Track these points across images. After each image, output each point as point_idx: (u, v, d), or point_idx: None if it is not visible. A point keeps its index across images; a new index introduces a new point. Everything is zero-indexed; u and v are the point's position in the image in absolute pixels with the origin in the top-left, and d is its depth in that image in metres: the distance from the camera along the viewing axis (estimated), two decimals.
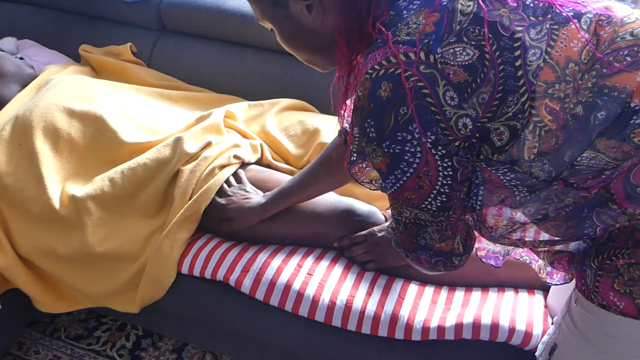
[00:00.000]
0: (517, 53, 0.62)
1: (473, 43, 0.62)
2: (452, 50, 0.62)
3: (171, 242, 1.17)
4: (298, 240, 1.20)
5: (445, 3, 0.64)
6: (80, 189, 1.24)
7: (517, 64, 0.62)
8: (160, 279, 1.17)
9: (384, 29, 0.67)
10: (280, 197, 1.16)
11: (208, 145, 1.27)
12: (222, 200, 1.19)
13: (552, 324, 1.05)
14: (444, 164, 0.66)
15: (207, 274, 1.16)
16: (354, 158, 0.85)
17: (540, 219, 0.72)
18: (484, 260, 0.99)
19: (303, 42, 0.76)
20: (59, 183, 1.26)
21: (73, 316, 1.56)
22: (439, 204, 0.71)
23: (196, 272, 1.17)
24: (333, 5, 0.70)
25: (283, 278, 1.12)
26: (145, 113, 1.41)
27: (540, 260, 0.90)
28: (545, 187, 0.68)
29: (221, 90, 1.62)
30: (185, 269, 1.18)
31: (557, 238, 0.75)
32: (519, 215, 0.73)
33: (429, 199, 0.70)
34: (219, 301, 1.17)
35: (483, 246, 0.98)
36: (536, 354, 0.95)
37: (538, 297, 1.10)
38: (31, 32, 1.76)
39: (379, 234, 1.14)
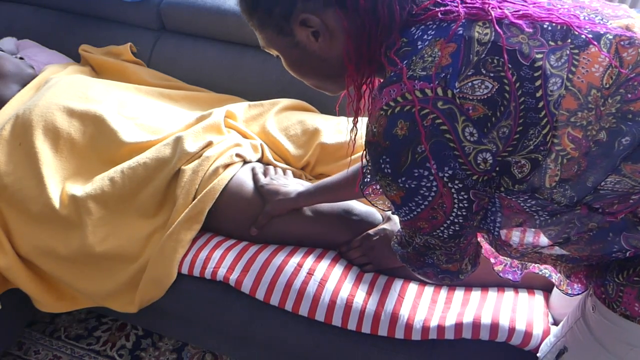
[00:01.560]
0: (538, 83, 0.60)
1: (492, 75, 0.60)
2: (470, 84, 0.60)
3: (174, 242, 1.17)
4: (297, 240, 1.20)
5: (461, 32, 0.61)
6: (80, 189, 1.24)
7: (538, 94, 0.60)
8: (161, 279, 1.17)
9: (397, 60, 0.64)
10: (316, 191, 1.16)
11: (209, 144, 1.27)
12: (264, 180, 1.22)
13: (553, 323, 1.05)
14: (460, 197, 0.65)
15: (207, 274, 1.16)
16: (367, 180, 0.84)
17: (562, 242, 0.70)
18: (501, 274, 0.99)
19: (310, 68, 0.75)
20: (59, 183, 1.26)
21: (73, 316, 1.56)
22: (451, 233, 0.70)
23: (196, 272, 1.17)
24: (340, 30, 0.68)
25: (283, 278, 1.12)
26: (145, 113, 1.41)
27: (559, 273, 0.90)
28: (567, 211, 0.66)
29: (221, 90, 1.62)
30: (185, 269, 1.18)
31: (579, 257, 0.73)
32: (542, 239, 0.71)
33: (442, 228, 0.69)
34: (219, 301, 1.17)
35: (500, 260, 0.98)
36: (539, 354, 0.95)
37: (538, 297, 1.10)
38: (31, 32, 1.76)
39: (375, 238, 1.14)
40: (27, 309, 1.32)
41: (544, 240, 0.71)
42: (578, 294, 0.88)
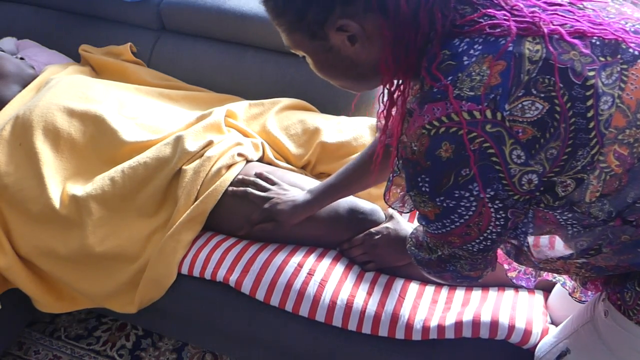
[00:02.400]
0: (590, 103, 0.58)
1: (542, 95, 0.57)
2: (520, 105, 0.57)
3: (175, 242, 1.17)
4: (299, 240, 1.20)
5: (511, 48, 0.58)
6: (80, 189, 1.24)
7: (589, 115, 0.58)
8: (161, 279, 1.17)
9: (441, 76, 0.61)
10: (325, 193, 1.13)
11: (209, 144, 1.27)
12: (266, 205, 1.16)
13: (551, 323, 1.05)
14: (498, 215, 0.64)
15: (207, 275, 1.16)
16: (389, 184, 0.85)
17: (593, 254, 0.69)
18: (515, 281, 0.99)
19: (341, 71, 0.72)
20: (59, 183, 1.26)
21: (73, 316, 1.56)
22: (481, 247, 0.69)
23: (196, 273, 1.17)
24: (378, 36, 0.65)
25: (283, 278, 1.12)
26: (146, 112, 1.41)
27: (573, 280, 0.89)
28: (602, 224, 0.65)
29: (221, 90, 1.62)
30: (185, 270, 1.18)
31: (605, 266, 0.72)
32: (568, 251, 0.70)
33: (473, 243, 0.68)
34: (219, 301, 1.17)
35: (514, 267, 0.97)
36: (537, 354, 0.95)
37: (538, 296, 1.10)
38: (31, 32, 1.76)
39: (377, 236, 1.14)
40: (27, 309, 1.32)
41: (569, 251, 0.70)
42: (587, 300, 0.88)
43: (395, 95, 0.72)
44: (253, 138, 1.38)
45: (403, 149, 0.66)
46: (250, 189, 1.19)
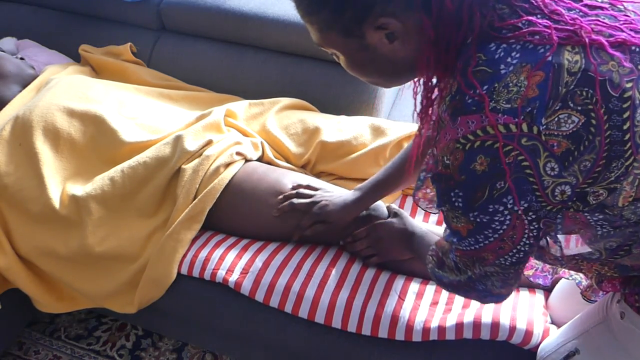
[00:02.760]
0: (626, 115, 0.57)
1: (579, 108, 0.56)
2: (556, 119, 0.56)
3: (174, 242, 1.17)
4: (305, 236, 1.20)
5: (550, 59, 0.57)
6: (80, 189, 1.24)
7: (625, 127, 0.57)
8: (160, 279, 1.17)
9: (476, 83, 0.59)
10: (374, 190, 1.12)
11: (209, 143, 1.27)
12: (315, 209, 1.14)
13: (551, 323, 1.05)
14: (532, 227, 0.63)
15: (207, 275, 1.16)
16: (420, 184, 0.82)
17: (622, 254, 0.68)
18: (531, 279, 0.98)
19: (375, 69, 0.71)
20: (59, 183, 1.26)
21: (73, 316, 1.56)
22: (514, 260, 0.68)
23: (195, 273, 1.17)
24: (418, 33, 0.63)
25: (283, 279, 1.11)
26: (146, 112, 1.41)
27: (589, 279, 0.88)
28: (633, 226, 0.64)
29: (221, 90, 1.62)
30: (184, 270, 1.18)
31: (630, 266, 0.72)
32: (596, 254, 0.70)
33: (507, 257, 0.67)
34: (219, 302, 1.17)
35: (531, 264, 0.97)
36: (540, 354, 0.95)
37: (539, 296, 1.10)
38: (31, 32, 1.76)
39: (381, 230, 1.12)
40: (27, 309, 1.32)
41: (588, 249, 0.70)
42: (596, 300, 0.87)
43: (432, 95, 0.71)
44: (253, 137, 1.38)
45: (434, 163, 0.65)
46: (295, 200, 1.16)
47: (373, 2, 0.61)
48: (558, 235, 0.69)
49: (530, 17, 0.60)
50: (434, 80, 0.69)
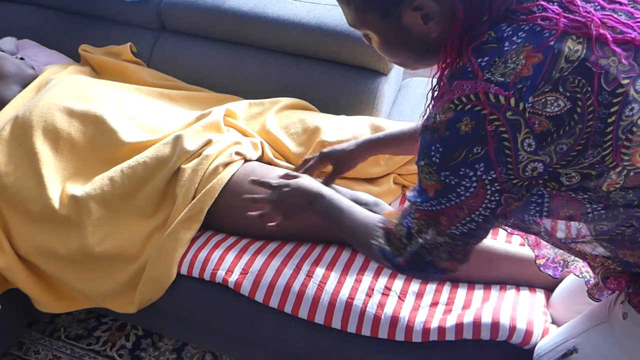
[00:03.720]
0: (614, 109, 0.59)
1: (568, 95, 0.59)
2: (543, 100, 0.59)
3: (174, 242, 1.17)
4: (302, 232, 1.19)
5: (552, 43, 0.60)
6: (80, 189, 1.24)
7: (609, 120, 0.59)
8: (160, 278, 1.17)
9: (475, 57, 0.63)
10: (378, 142, 1.13)
11: (208, 143, 1.27)
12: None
13: (552, 322, 1.05)
14: (492, 199, 0.65)
15: (206, 276, 1.16)
16: None
17: (612, 238, 0.69)
18: (542, 269, 0.98)
19: (407, 50, 0.73)
20: (59, 183, 1.26)
21: (73, 316, 1.56)
22: (465, 230, 0.70)
23: (195, 273, 1.17)
24: (450, 14, 0.66)
25: (282, 280, 1.11)
26: (145, 112, 1.41)
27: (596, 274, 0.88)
28: (624, 209, 0.65)
29: (221, 90, 1.62)
30: (184, 270, 1.18)
31: (633, 262, 0.72)
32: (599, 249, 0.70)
33: (458, 225, 0.69)
34: (219, 302, 1.17)
35: (543, 254, 0.97)
36: (537, 352, 0.95)
37: (539, 295, 1.09)
38: (31, 32, 1.76)
39: (286, 188, 1.01)
40: (27, 309, 1.32)
41: (600, 250, 0.70)
42: (604, 298, 0.87)
43: (446, 71, 0.72)
44: (252, 137, 1.38)
45: (426, 120, 0.67)
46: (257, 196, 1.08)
47: None
48: (545, 221, 0.70)
49: (544, 3, 0.63)
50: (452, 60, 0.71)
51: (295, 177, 1.07)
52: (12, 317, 1.37)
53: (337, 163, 1.15)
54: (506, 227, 0.85)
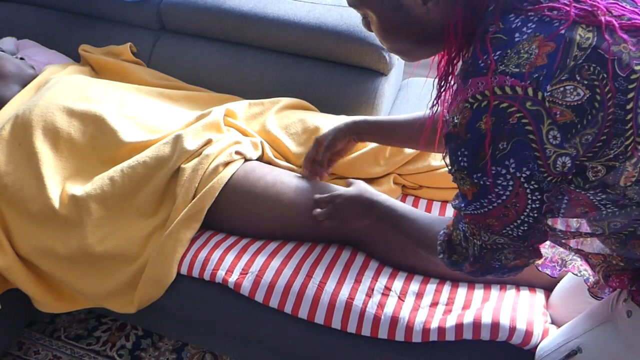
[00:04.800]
0: (631, 95, 0.59)
1: (585, 82, 0.58)
2: (562, 89, 0.59)
3: (174, 241, 1.17)
4: (302, 228, 1.19)
5: (563, 32, 0.60)
6: (80, 189, 1.24)
7: (628, 107, 0.59)
8: (160, 278, 1.17)
9: (490, 49, 0.62)
10: (374, 124, 1.13)
11: (208, 142, 1.27)
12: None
13: (551, 323, 1.05)
14: (534, 197, 0.64)
15: (206, 276, 1.16)
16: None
17: (627, 235, 0.69)
18: (540, 268, 0.98)
19: (406, 33, 0.71)
20: (58, 183, 1.26)
21: (73, 316, 1.56)
22: (520, 233, 0.69)
23: (195, 273, 1.17)
24: None
25: (282, 280, 1.11)
26: (145, 112, 1.41)
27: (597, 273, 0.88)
28: (638, 207, 0.65)
29: (221, 90, 1.62)
30: (184, 270, 1.18)
31: (638, 254, 0.72)
32: (602, 246, 0.70)
33: (512, 226, 0.68)
34: (219, 302, 1.17)
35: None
36: (538, 353, 0.94)
37: (539, 295, 1.09)
38: (31, 32, 1.76)
39: (337, 198, 1.10)
40: (27, 309, 1.32)
41: (604, 249, 0.70)
42: (605, 297, 0.87)
43: (455, 62, 0.72)
44: (252, 137, 1.38)
45: (445, 126, 0.67)
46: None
47: None
48: (559, 220, 0.70)
49: None
50: (458, 48, 0.71)
51: (350, 183, 1.12)
52: (12, 317, 1.37)
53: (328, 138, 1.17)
54: None
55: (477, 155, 0.63)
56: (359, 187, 1.12)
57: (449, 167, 0.69)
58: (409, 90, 1.73)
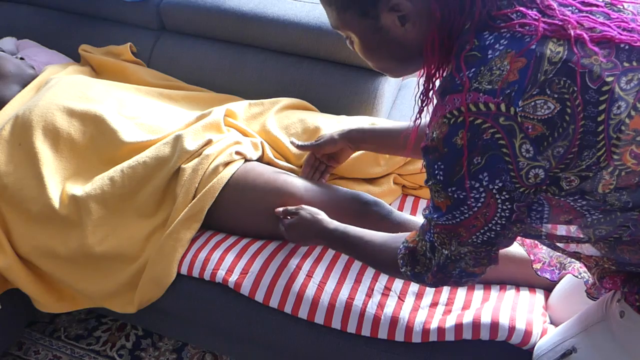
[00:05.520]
0: (602, 107, 0.60)
1: (556, 96, 0.60)
2: (533, 103, 0.60)
3: (174, 241, 1.17)
4: None
5: (533, 47, 0.61)
6: (80, 189, 1.24)
7: (599, 119, 0.60)
8: (160, 278, 1.17)
9: (464, 67, 0.64)
10: (367, 132, 1.16)
11: (208, 143, 1.27)
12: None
13: (550, 323, 1.05)
14: (504, 207, 0.66)
15: (206, 276, 1.16)
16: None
17: (612, 241, 0.70)
18: (539, 273, 0.99)
19: (386, 52, 0.74)
20: (58, 183, 1.26)
21: (73, 316, 1.56)
22: (485, 239, 0.71)
23: (195, 273, 1.17)
24: (427, 16, 0.67)
25: (282, 280, 1.11)
26: (146, 112, 1.41)
27: (591, 274, 0.89)
28: (621, 213, 0.65)
29: (221, 90, 1.62)
30: (184, 270, 1.18)
31: (627, 258, 0.72)
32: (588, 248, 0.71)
33: (478, 234, 0.70)
34: (219, 302, 1.17)
35: (539, 258, 0.98)
36: (536, 352, 0.95)
37: (539, 295, 1.10)
38: (31, 32, 1.76)
39: (299, 215, 1.09)
40: (27, 309, 1.32)
41: (590, 248, 0.71)
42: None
43: (434, 79, 0.74)
44: (252, 137, 1.38)
45: (425, 140, 0.68)
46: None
47: None
48: (544, 225, 0.71)
49: (522, 8, 0.64)
50: (437, 65, 0.72)
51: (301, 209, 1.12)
52: (12, 317, 1.37)
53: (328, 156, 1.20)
54: None
55: (452, 169, 0.64)
56: (313, 212, 1.10)
57: (427, 181, 0.71)
58: (409, 90, 1.73)
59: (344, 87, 1.54)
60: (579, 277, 0.94)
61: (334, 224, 1.05)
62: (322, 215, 1.08)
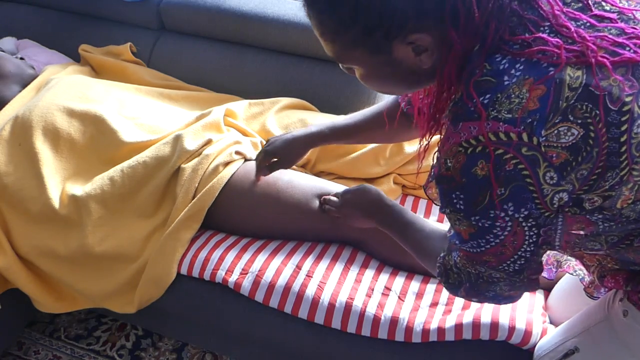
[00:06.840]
0: (624, 127, 0.59)
1: (579, 122, 0.58)
2: (556, 131, 0.58)
3: (174, 241, 1.17)
4: (304, 225, 1.19)
5: (552, 73, 0.59)
6: (80, 189, 1.24)
7: (622, 139, 0.59)
8: (160, 278, 1.17)
9: (475, 94, 0.61)
10: (332, 130, 1.09)
11: (208, 142, 1.27)
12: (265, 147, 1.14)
13: (550, 323, 1.05)
14: (531, 233, 0.65)
15: (206, 276, 1.16)
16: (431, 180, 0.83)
17: (624, 247, 0.70)
18: None
19: (396, 81, 0.71)
20: (59, 183, 1.26)
21: (73, 316, 1.56)
22: (517, 267, 0.70)
23: (195, 274, 1.17)
24: (442, 43, 0.63)
25: (282, 280, 1.11)
26: (145, 112, 1.41)
27: (591, 273, 0.88)
28: (634, 223, 0.65)
29: (221, 90, 1.62)
30: (184, 270, 1.18)
31: (631, 258, 0.72)
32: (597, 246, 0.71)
33: (509, 262, 0.69)
34: (219, 302, 1.17)
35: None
36: (536, 353, 0.95)
37: (538, 296, 1.10)
38: (31, 32, 1.76)
39: (350, 194, 1.08)
40: (27, 309, 1.32)
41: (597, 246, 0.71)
42: (600, 297, 0.88)
43: (445, 101, 0.71)
44: (252, 137, 1.38)
45: (437, 166, 0.66)
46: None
47: (406, 19, 0.61)
48: (557, 236, 0.70)
49: (541, 35, 0.61)
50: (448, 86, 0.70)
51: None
52: (12, 317, 1.37)
53: (282, 155, 1.14)
54: None
55: (474, 199, 0.63)
56: (368, 186, 1.09)
57: (442, 208, 0.69)
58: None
59: (344, 87, 1.54)
60: (574, 274, 0.94)
61: (391, 200, 1.02)
62: (378, 189, 1.05)
